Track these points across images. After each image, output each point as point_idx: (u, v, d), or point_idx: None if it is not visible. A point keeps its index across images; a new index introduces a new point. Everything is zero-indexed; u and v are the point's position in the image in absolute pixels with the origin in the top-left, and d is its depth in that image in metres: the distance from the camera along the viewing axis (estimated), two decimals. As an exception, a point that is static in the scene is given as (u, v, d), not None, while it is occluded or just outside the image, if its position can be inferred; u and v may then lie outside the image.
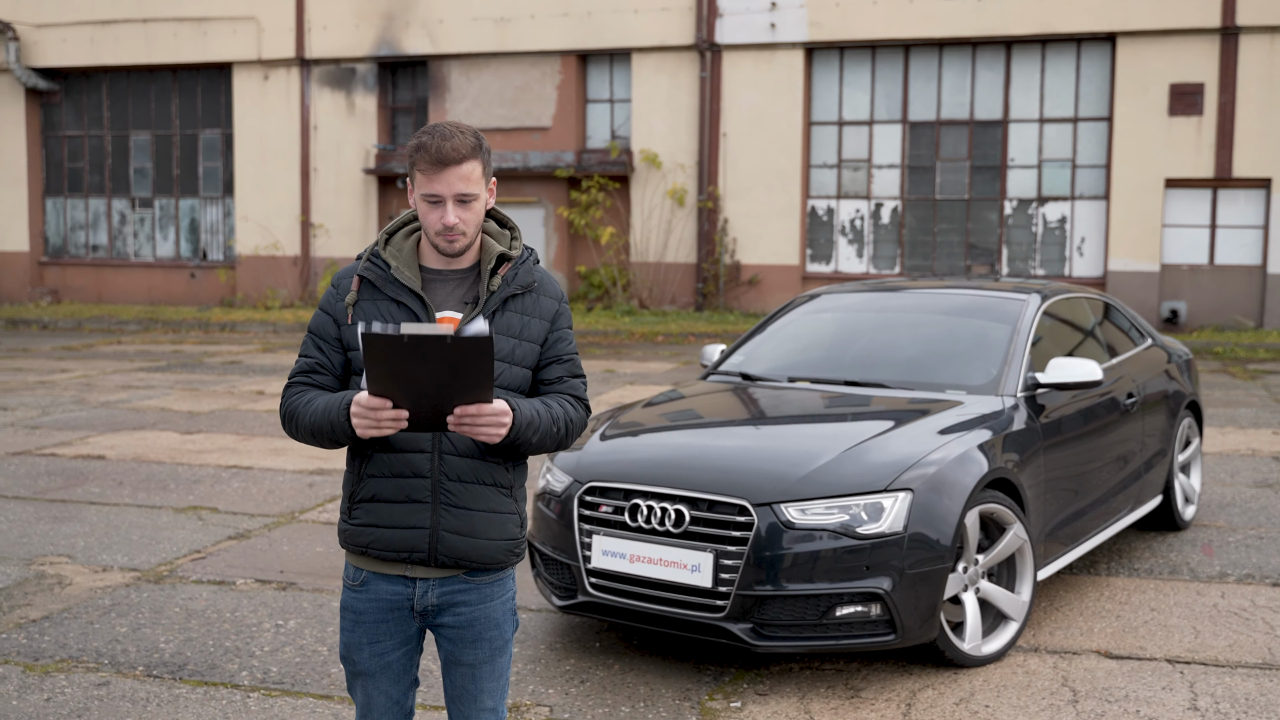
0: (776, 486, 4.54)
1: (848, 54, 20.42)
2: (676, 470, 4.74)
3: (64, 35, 23.92)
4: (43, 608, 5.73)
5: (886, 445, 4.78)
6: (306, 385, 2.94)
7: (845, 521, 4.48)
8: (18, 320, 21.63)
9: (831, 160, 20.69)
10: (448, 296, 2.88)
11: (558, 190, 21.52)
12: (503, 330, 2.86)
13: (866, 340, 6.09)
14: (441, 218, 2.78)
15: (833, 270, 20.75)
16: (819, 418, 5.37)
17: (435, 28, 21.82)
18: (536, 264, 2.97)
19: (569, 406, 2.94)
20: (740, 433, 5.25)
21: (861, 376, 5.70)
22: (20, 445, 9.77)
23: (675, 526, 4.62)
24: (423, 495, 2.83)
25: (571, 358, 2.99)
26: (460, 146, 2.76)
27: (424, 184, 2.78)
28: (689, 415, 5.58)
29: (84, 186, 24.89)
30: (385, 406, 2.64)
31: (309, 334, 2.98)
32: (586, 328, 19.05)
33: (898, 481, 4.56)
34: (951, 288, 6.49)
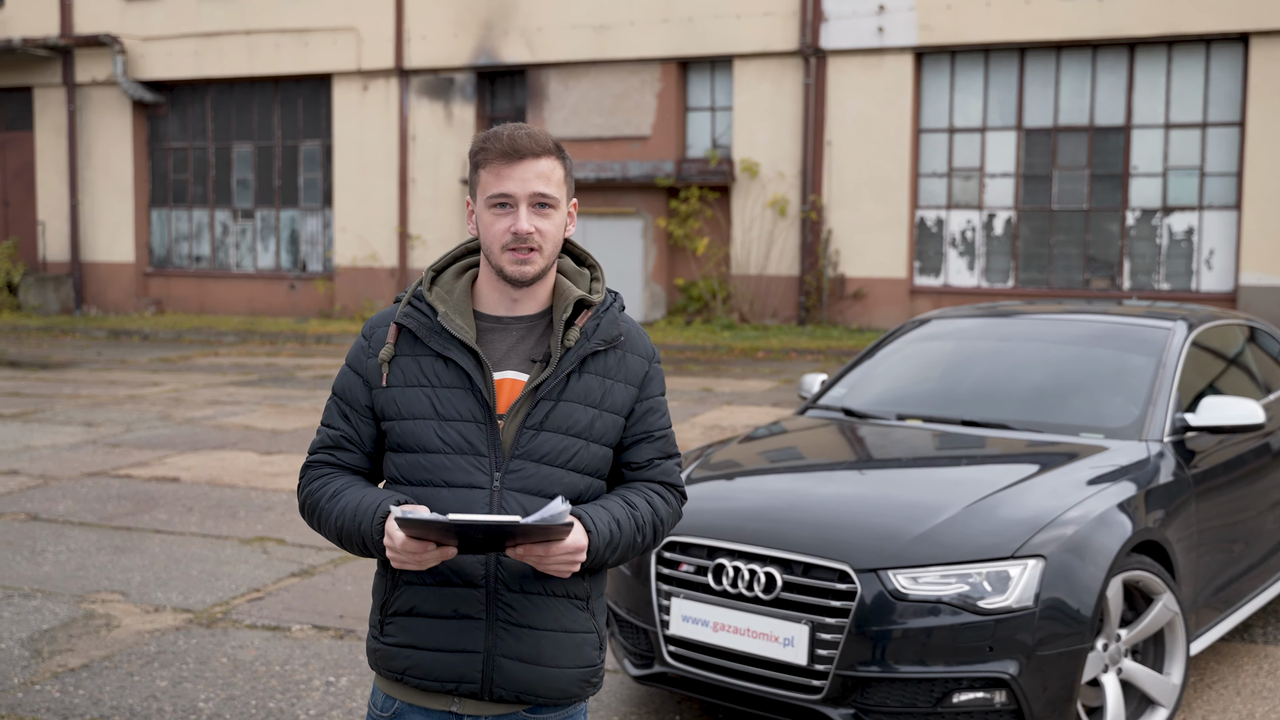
0: (884, 549, 3.92)
1: (959, 58, 19.56)
2: (768, 525, 4.14)
3: (169, 48, 24.10)
4: (84, 654, 5.33)
5: (1013, 501, 4.12)
6: (331, 467, 2.39)
7: (965, 593, 3.83)
8: (121, 331, 21.77)
9: (941, 169, 19.84)
10: (510, 352, 2.32)
11: (657, 201, 21.00)
12: (579, 397, 2.30)
13: (985, 373, 5.41)
14: (512, 225, 2.25)
15: (942, 284, 19.88)
16: (933, 465, 4.72)
17: (534, 36, 21.46)
18: (622, 311, 2.41)
19: (659, 501, 2.39)
20: (843, 481, 4.62)
21: (980, 415, 5.03)
22: (98, 465, 9.52)
23: (766, 592, 4.02)
24: (475, 610, 2.27)
25: (665, 434, 2.43)
26: (538, 135, 2.28)
27: (491, 183, 2.26)
28: (785, 458, 4.97)
29: (188, 198, 25.06)
30: (427, 549, 2.15)
31: (333, 398, 2.41)
32: (685, 342, 18.47)
33: (1028, 546, 3.89)
34: (1081, 312, 5.77)
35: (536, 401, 2.27)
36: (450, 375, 2.29)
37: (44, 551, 6.97)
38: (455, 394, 2.28)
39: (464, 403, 2.27)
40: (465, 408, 2.27)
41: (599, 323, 2.34)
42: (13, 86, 25.58)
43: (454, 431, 2.27)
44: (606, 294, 2.39)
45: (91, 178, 25.16)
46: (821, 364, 16.46)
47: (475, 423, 2.27)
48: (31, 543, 7.17)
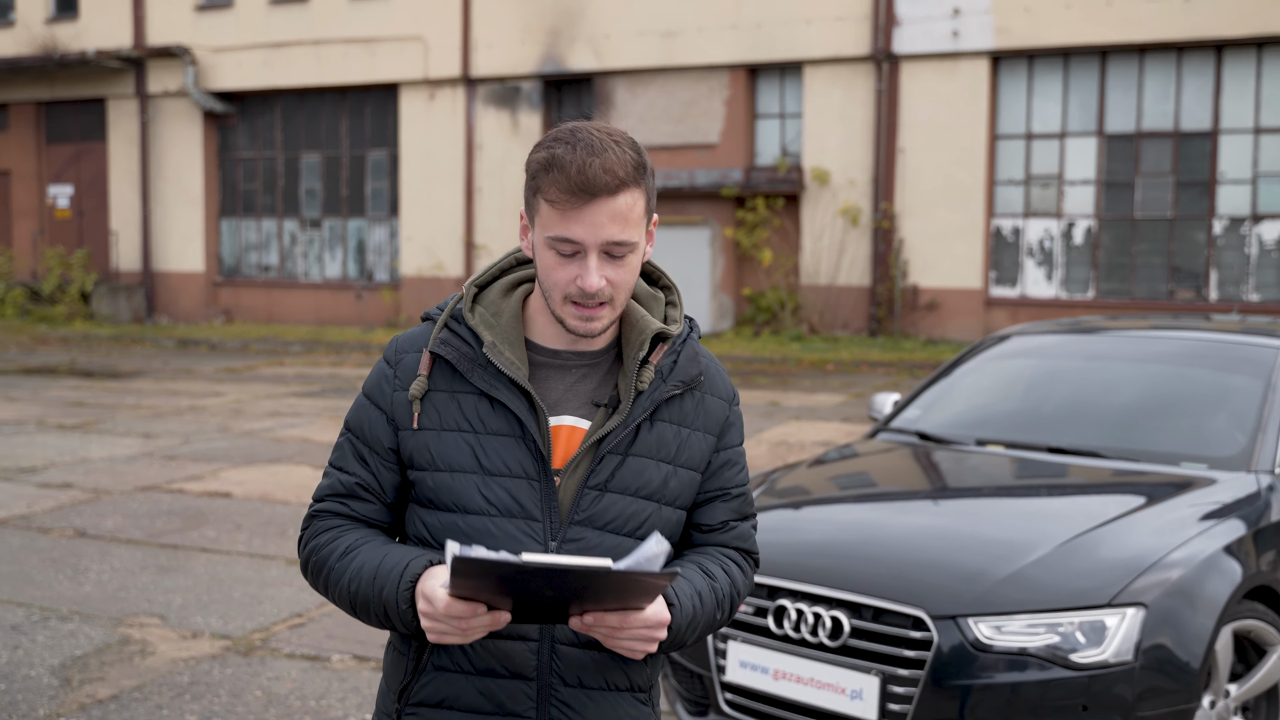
0: (964, 593, 3.53)
1: (1037, 62, 18.97)
2: (834, 563, 3.77)
3: (239, 58, 24.20)
4: (115, 683, 5.09)
5: (1111, 540, 3.71)
6: (342, 518, 1.97)
7: (1055, 645, 3.43)
8: (189, 340, 21.84)
9: (1019, 176, 19.25)
10: (569, 393, 1.92)
11: (724, 210, 20.62)
12: (650, 451, 1.91)
13: (1072, 395, 4.99)
14: (579, 278, 1.81)
15: (1019, 294, 19.28)
16: (1019, 496, 4.32)
17: (601, 43, 21.21)
18: (698, 341, 2.03)
19: (736, 571, 2.01)
20: (919, 514, 4.23)
21: (1068, 441, 4.61)
22: (152, 479, 9.36)
23: (832, 638, 3.65)
24: (524, 707, 1.88)
25: (743, 491, 2.04)
26: (616, 165, 1.78)
27: (554, 222, 1.80)
28: (855, 486, 4.60)
29: (256, 208, 25.14)
30: (478, 613, 1.73)
31: (346, 435, 1.99)
32: (752, 354, 18.08)
33: (1127, 592, 3.48)
34: (1174, 328, 5.33)
35: (601, 456, 1.89)
36: (497, 420, 1.88)
37: (87, 570, 6.78)
38: (503, 443, 1.88)
39: (513, 454, 1.88)
40: (515, 460, 1.88)
41: (676, 359, 1.95)
42: (87, 98, 25.88)
43: (501, 489, 1.88)
44: (685, 323, 2.00)
45: (163, 188, 25.35)
46: (893, 377, 15.98)
47: (526, 479, 1.88)
48: (75, 560, 6.98)
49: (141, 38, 25.04)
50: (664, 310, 2.01)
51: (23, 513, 8.16)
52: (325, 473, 2.02)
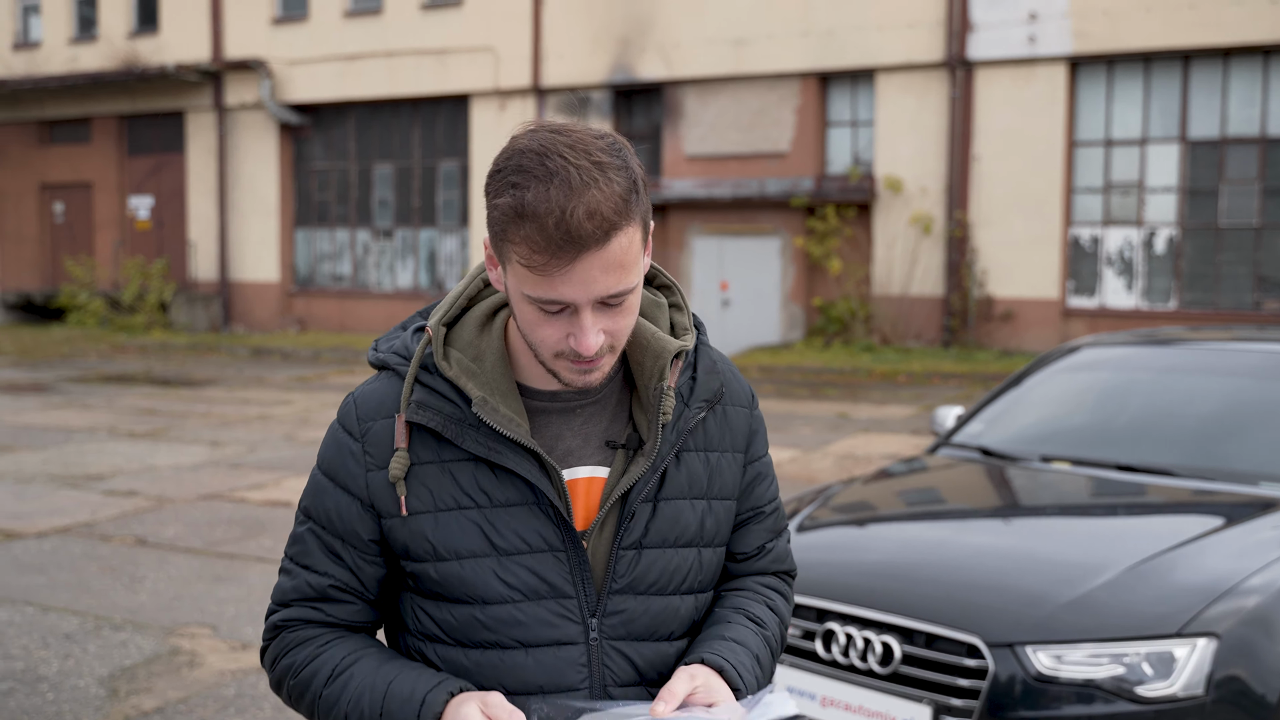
0: (1023, 619, 3.34)
1: (1117, 66, 18.52)
2: (886, 585, 3.59)
3: (314, 71, 24.48)
4: (161, 695, 5.05)
5: (1184, 564, 3.49)
6: (317, 627, 1.65)
7: (1120, 677, 3.22)
8: (262, 350, 22.09)
9: (1097, 183, 18.80)
10: (579, 439, 1.64)
11: (795, 219, 20.40)
12: (683, 490, 1.66)
13: (1144, 410, 4.75)
14: (571, 338, 1.51)
15: (1098, 305, 18.81)
16: (1085, 516, 4.10)
17: (671, 52, 21.11)
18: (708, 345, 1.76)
19: (780, 601, 1.80)
20: (977, 533, 4.03)
21: (1139, 459, 4.38)
22: (216, 487, 9.40)
23: (882, 664, 3.47)
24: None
25: (775, 505, 1.81)
26: (603, 205, 1.43)
27: (534, 284, 1.47)
28: (912, 504, 4.41)
29: (330, 218, 25.40)
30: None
31: (309, 526, 1.66)
32: (822, 364, 17.83)
33: (1197, 621, 3.27)
34: (1258, 340, 5.06)
35: (631, 509, 1.62)
36: (503, 489, 1.59)
37: (143, 579, 6.79)
38: (515, 514, 1.60)
39: (529, 525, 1.60)
40: (532, 532, 1.60)
41: (694, 374, 1.68)
42: (166, 111, 26.35)
43: (522, 569, 1.60)
44: (693, 328, 1.73)
45: (239, 199, 25.71)
46: (965, 389, 15.65)
47: (550, 551, 1.61)
48: (133, 569, 7.00)
49: (219, 51, 25.44)
50: (669, 316, 1.72)
51: (86, 520, 8.22)
52: (284, 569, 1.68)
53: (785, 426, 12.51)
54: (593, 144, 1.46)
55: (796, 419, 13.13)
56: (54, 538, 7.72)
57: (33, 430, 12.43)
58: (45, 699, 4.97)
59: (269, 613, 1.69)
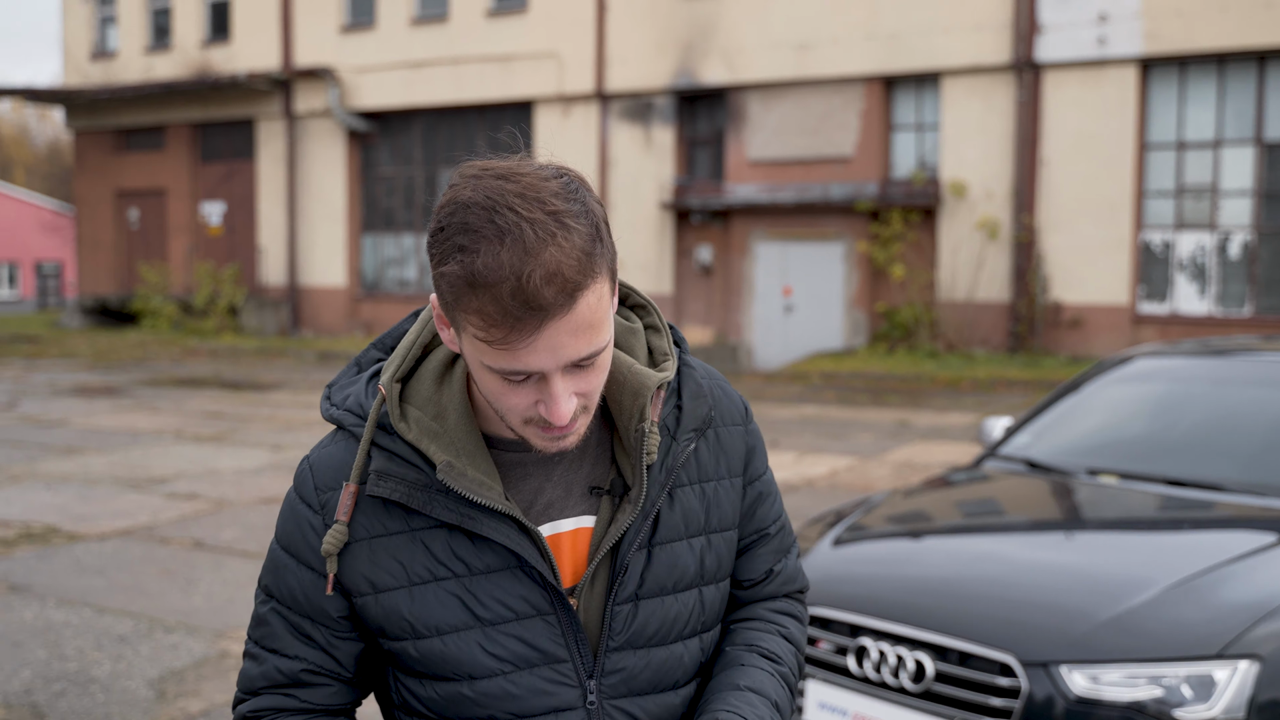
0: (1058, 638, 3.26)
1: (1190, 68, 18.15)
2: (920, 601, 3.53)
3: (381, 78, 24.76)
4: (207, 698, 5.11)
5: (1226, 583, 3.39)
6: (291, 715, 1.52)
7: (1158, 699, 3.13)
8: (329, 354, 22.36)
9: (1169, 187, 18.43)
10: (558, 490, 1.51)
11: (858, 223, 20.24)
12: (677, 531, 1.54)
13: (1196, 423, 4.63)
14: (541, 405, 1.37)
15: (1169, 312, 18.44)
16: (1128, 532, 4.00)
17: (734, 56, 21.06)
18: (689, 356, 1.62)
19: (794, 625, 1.70)
20: (1015, 549, 3.95)
21: (1188, 474, 4.27)
22: (274, 490, 9.52)
23: (914, 681, 3.41)
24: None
25: (780, 522, 1.69)
26: (564, 264, 1.28)
27: (492, 355, 1.32)
28: (950, 518, 4.33)
29: (396, 223, 25.67)
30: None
31: (271, 605, 1.52)
32: (885, 371, 17.66)
33: (1240, 642, 3.17)
34: (1320, 351, 4.92)
35: (625, 562, 1.50)
36: (481, 555, 1.46)
37: (198, 582, 6.89)
38: (496, 581, 1.47)
39: (512, 590, 1.47)
40: (516, 598, 1.47)
41: (679, 402, 1.54)
42: (238, 119, 26.79)
43: (510, 639, 1.47)
44: (673, 350, 1.58)
45: (308, 205, 26.07)
46: (1030, 396, 15.41)
47: (539, 616, 1.48)
48: (189, 572, 7.10)
49: (289, 60, 25.82)
50: (645, 341, 1.57)
51: (147, 523, 8.36)
52: (249, 654, 1.54)
53: (844, 434, 12.40)
54: (545, 189, 1.30)
55: (855, 426, 13.01)
56: (115, 540, 7.86)
57: (102, 433, 12.68)
58: (95, 700, 5.05)
59: (235, 702, 1.56)
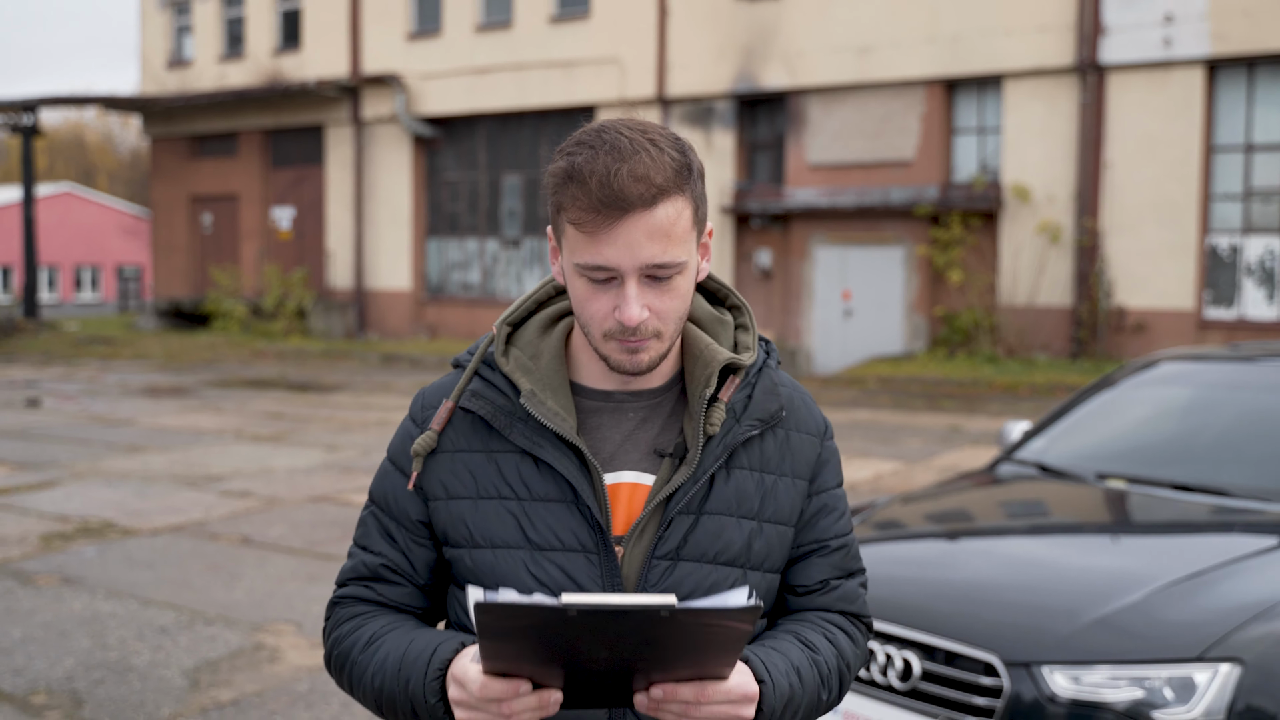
0: (1041, 639, 3.29)
1: (1259, 69, 17.82)
2: (910, 601, 3.58)
3: (445, 84, 25.09)
4: (239, 687, 5.28)
5: (1214, 587, 3.39)
6: (367, 605, 1.70)
7: (1138, 701, 3.15)
8: (392, 356, 22.69)
9: (1236, 190, 18.10)
10: (627, 443, 1.64)
11: (918, 228, 20.12)
12: (729, 507, 1.63)
13: (1213, 428, 4.61)
14: (617, 310, 1.53)
15: (1236, 317, 18.11)
16: (1123, 536, 4.01)
17: (794, 60, 21.05)
18: (778, 368, 1.74)
19: (843, 639, 1.71)
20: (1008, 551, 3.97)
21: (1196, 479, 4.25)
22: (324, 489, 9.73)
23: (901, 679, 3.46)
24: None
25: (845, 543, 1.74)
26: (651, 170, 1.48)
27: (582, 246, 1.51)
28: (952, 521, 4.36)
29: (460, 227, 25.98)
30: (517, 694, 1.41)
31: (371, 509, 1.73)
32: (942, 376, 17.55)
33: (1222, 645, 3.18)
34: (1343, 356, 4.87)
35: (670, 517, 1.60)
36: (543, 483, 1.60)
37: (241, 577, 7.08)
38: (552, 511, 1.60)
39: (565, 523, 1.60)
40: (567, 531, 1.60)
41: (751, 393, 1.66)
42: (307, 125, 27.28)
43: (553, 566, 1.60)
44: (760, 347, 1.72)
45: (374, 209, 26.48)
46: (1089, 402, 15.22)
47: (583, 552, 1.60)
48: (234, 566, 7.31)
49: (357, 67, 26.26)
50: (733, 335, 1.71)
51: (199, 519, 8.60)
52: (350, 552, 1.75)
53: (894, 439, 12.37)
54: (655, 129, 1.53)
55: (906, 431, 12.96)
56: (166, 535, 8.10)
57: (166, 432, 13.02)
58: (131, 688, 5.24)
59: (332, 594, 1.75)
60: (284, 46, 27.96)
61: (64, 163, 63.15)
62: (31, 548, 7.72)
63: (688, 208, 1.52)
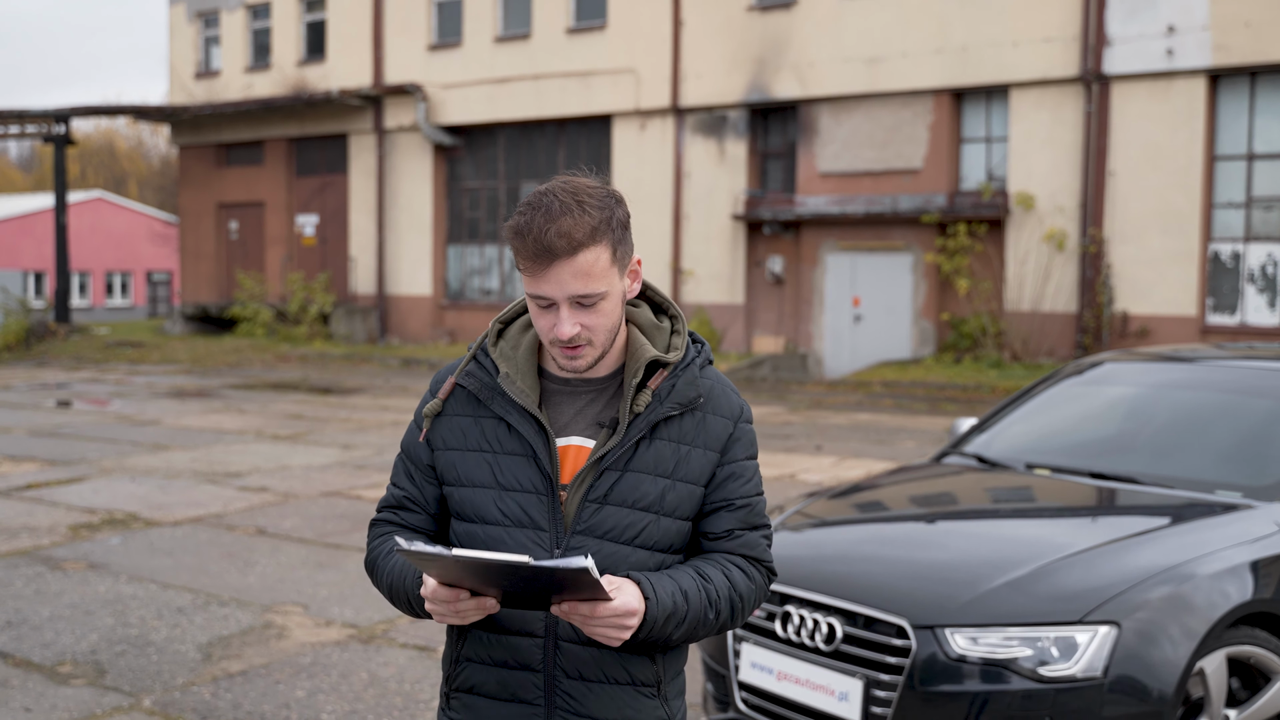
0: (944, 605, 3.71)
1: (1260, 79, 18.10)
2: (836, 574, 4.00)
3: (465, 94, 25.62)
4: (247, 660, 5.74)
5: (1101, 560, 3.80)
6: (394, 526, 2.24)
7: (1027, 658, 3.57)
8: (412, 360, 23.20)
9: (1239, 198, 18.39)
10: (576, 417, 2.15)
11: (926, 235, 20.49)
12: (648, 467, 2.11)
13: (1138, 424, 5.01)
14: (554, 327, 2.04)
15: (1238, 323, 18.39)
16: (1030, 518, 4.42)
17: (805, 71, 21.46)
18: (708, 367, 2.20)
19: (739, 575, 2.16)
20: (930, 533, 4.39)
21: (1112, 468, 4.66)
22: (337, 485, 10.20)
23: (826, 643, 3.88)
24: (533, 696, 2.11)
25: (748, 502, 2.19)
26: (574, 229, 1.96)
27: (529, 282, 2.03)
28: (883, 507, 4.78)
29: (480, 234, 26.49)
30: (461, 597, 1.96)
31: (401, 454, 2.27)
32: (946, 380, 17.90)
33: (1100, 610, 3.59)
34: (1264, 359, 5.25)
35: (601, 472, 2.10)
36: (512, 441, 2.13)
37: (255, 564, 7.56)
38: (516, 462, 2.12)
39: (525, 472, 2.12)
40: (526, 477, 2.12)
41: (675, 383, 2.13)
42: (331, 134, 27.87)
43: (514, 503, 2.12)
44: (688, 349, 2.17)
45: (396, 216, 27.02)
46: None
47: (536, 494, 2.11)
48: (248, 554, 7.78)
49: (380, 77, 26.83)
50: (668, 339, 2.18)
51: (218, 512, 9.09)
52: (386, 486, 2.30)
53: (891, 440, 12.75)
54: (585, 191, 2.01)
55: (904, 433, 13.34)
56: (186, 526, 8.59)
57: (189, 432, 13.54)
58: (149, 660, 5.71)
59: (372, 517, 2.30)
60: (309, 57, 28.57)
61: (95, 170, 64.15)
62: (60, 536, 8.22)
63: (605, 252, 2.00)
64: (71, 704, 5.15)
